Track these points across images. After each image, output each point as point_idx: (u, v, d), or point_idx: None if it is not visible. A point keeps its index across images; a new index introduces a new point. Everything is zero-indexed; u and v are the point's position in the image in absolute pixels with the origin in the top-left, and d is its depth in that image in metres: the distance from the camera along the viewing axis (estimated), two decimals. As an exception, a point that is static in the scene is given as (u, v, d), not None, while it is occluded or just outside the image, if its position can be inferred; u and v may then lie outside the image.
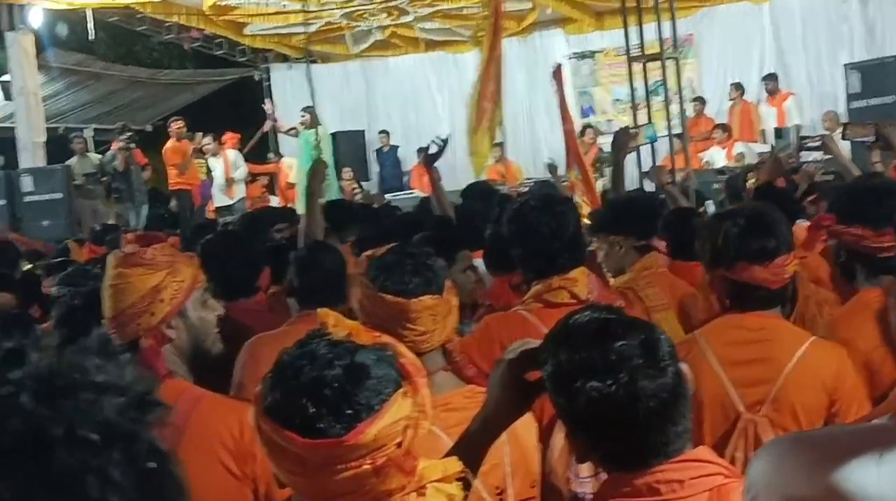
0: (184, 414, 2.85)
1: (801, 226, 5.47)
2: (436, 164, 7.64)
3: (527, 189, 12.87)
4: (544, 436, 3.23)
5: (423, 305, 2.88)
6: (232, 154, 17.62)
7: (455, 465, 2.03)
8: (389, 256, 2.98)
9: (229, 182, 17.33)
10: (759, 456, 1.62)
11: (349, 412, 1.83)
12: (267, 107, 19.35)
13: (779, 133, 14.50)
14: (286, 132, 18.80)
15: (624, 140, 6.58)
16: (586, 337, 2.12)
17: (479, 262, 5.56)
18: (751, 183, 8.44)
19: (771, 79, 17.87)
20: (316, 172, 6.39)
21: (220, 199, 17.34)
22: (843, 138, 6.63)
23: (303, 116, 17.85)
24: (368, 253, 3.08)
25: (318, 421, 1.82)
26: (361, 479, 1.84)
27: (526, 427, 2.89)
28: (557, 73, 8.86)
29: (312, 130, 17.13)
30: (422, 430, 1.90)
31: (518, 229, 3.90)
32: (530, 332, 3.59)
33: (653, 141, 7.88)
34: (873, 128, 6.27)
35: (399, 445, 1.86)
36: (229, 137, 18.03)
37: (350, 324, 1.98)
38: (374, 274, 2.93)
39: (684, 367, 2.16)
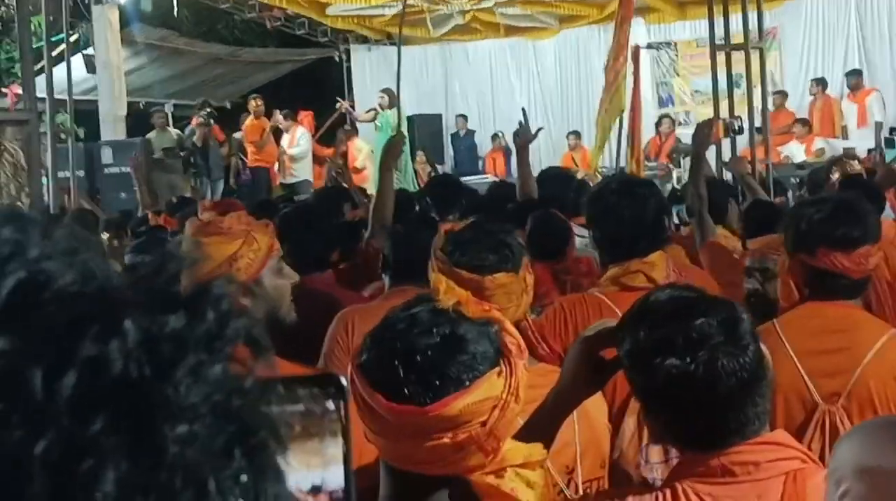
0: None
1: (888, 220, 5.41)
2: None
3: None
4: (615, 419, 3.22)
5: (498, 282, 2.86)
6: (298, 131, 17.58)
7: (539, 451, 1.97)
8: (467, 232, 2.98)
9: (288, 158, 17.37)
10: (845, 440, 1.60)
11: (437, 383, 1.79)
12: (341, 105, 19.31)
13: (891, 142, 14.20)
14: (364, 117, 18.74)
15: (706, 133, 6.46)
16: (666, 315, 2.11)
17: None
18: (835, 177, 8.29)
19: (854, 75, 17.60)
20: (393, 147, 6.39)
21: (281, 177, 17.43)
22: None
23: (381, 97, 17.87)
24: (447, 226, 3.08)
25: (407, 387, 1.79)
26: (440, 452, 1.81)
27: (597, 406, 2.88)
28: (635, 55, 8.90)
29: (391, 111, 17.17)
30: (510, 413, 1.85)
31: (598, 212, 3.88)
32: (605, 314, 3.58)
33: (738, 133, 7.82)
34: None
35: (483, 424, 1.81)
36: (304, 115, 18.09)
37: (461, 294, 1.93)
38: (450, 249, 2.92)
39: (764, 348, 2.15)
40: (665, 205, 4.12)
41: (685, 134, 17.78)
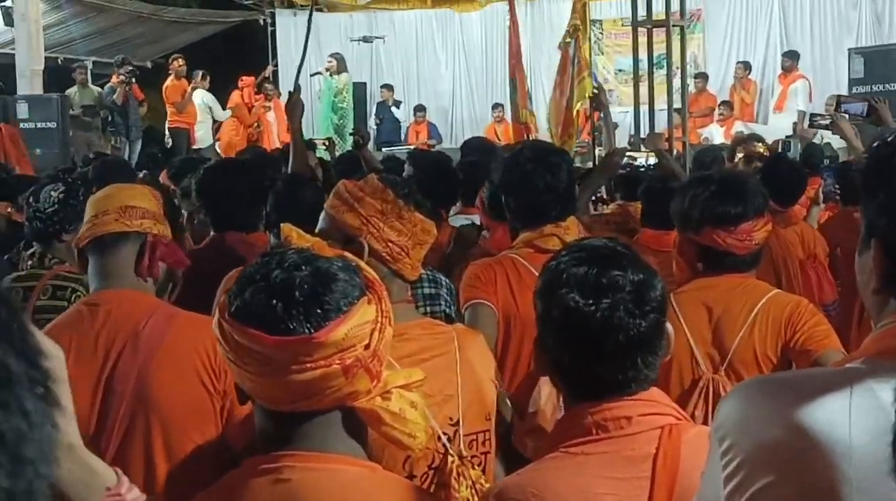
0: (160, 328, 2.93)
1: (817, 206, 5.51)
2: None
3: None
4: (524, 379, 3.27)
5: (417, 218, 2.87)
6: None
7: (417, 373, 2.06)
8: (395, 178, 3.04)
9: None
10: (728, 398, 1.61)
11: (318, 311, 1.85)
12: (267, 71, 19.33)
13: (787, 146, 14.32)
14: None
15: (616, 162, 6.45)
16: (589, 256, 2.16)
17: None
18: (738, 157, 8.41)
19: (789, 56, 17.74)
20: (294, 107, 6.38)
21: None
22: (836, 110, 6.63)
23: (329, 62, 17.81)
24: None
25: (289, 321, 1.84)
26: (329, 378, 1.86)
27: (482, 360, 2.93)
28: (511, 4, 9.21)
29: (337, 77, 17.11)
30: (387, 335, 1.94)
31: (512, 180, 3.92)
32: (524, 275, 3.63)
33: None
34: (866, 102, 6.33)
35: (367, 347, 1.89)
36: (246, 83, 18.06)
37: (312, 240, 2.03)
38: (384, 179, 2.95)
39: (669, 328, 2.20)
40: (574, 173, 4.16)
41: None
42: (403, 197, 2.87)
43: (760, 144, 8.52)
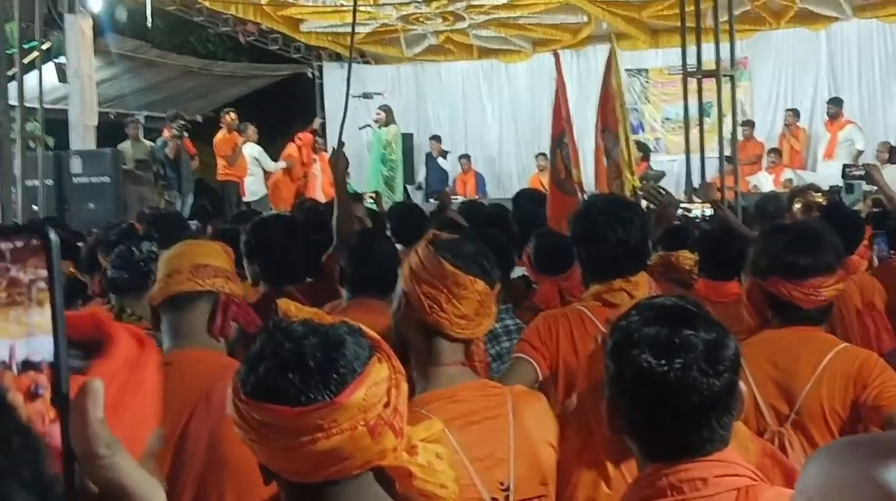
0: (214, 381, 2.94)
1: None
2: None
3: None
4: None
5: (475, 286, 2.86)
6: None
7: (436, 423, 2.08)
8: (458, 238, 3.05)
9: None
10: (813, 459, 1.61)
11: (335, 376, 1.85)
12: (315, 124, 19.51)
13: (850, 188, 14.33)
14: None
15: (671, 214, 6.48)
16: (661, 316, 2.15)
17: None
18: (796, 207, 8.35)
19: (835, 103, 17.66)
20: (338, 161, 6.44)
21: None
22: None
23: (378, 114, 17.93)
24: (435, 231, 3.12)
25: (307, 391, 1.84)
26: (357, 441, 1.85)
27: (539, 423, 2.91)
28: (556, 59, 9.10)
29: (385, 128, 17.23)
30: (403, 389, 1.94)
31: (584, 232, 3.93)
32: (589, 327, 3.64)
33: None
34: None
35: (387, 405, 1.89)
36: (304, 141, 18.24)
37: (311, 311, 2.03)
38: (439, 243, 2.94)
39: (743, 387, 2.18)
40: (648, 227, 4.16)
41: (655, 161, 17.92)
42: (464, 269, 2.87)
43: (819, 194, 8.48)
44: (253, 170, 17.56)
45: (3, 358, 0.98)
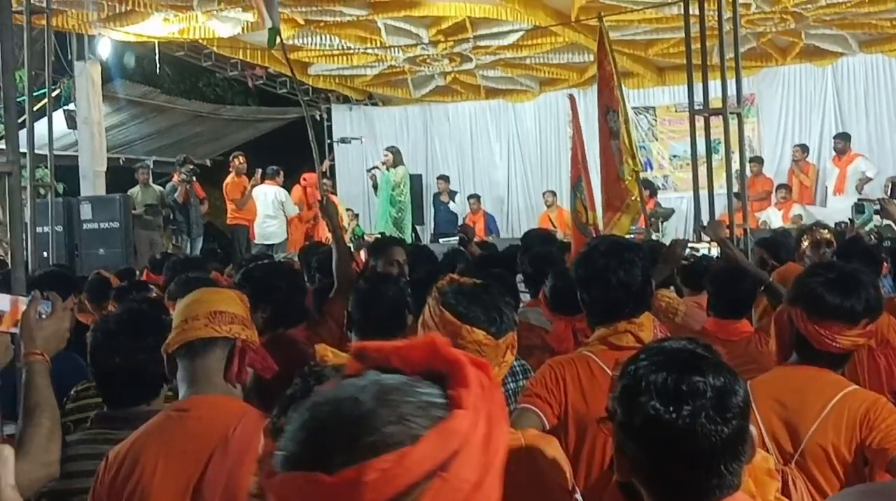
0: (248, 434, 2.92)
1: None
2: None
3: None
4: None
5: (474, 337, 2.88)
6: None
7: None
8: (473, 285, 3.02)
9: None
10: None
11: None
12: (324, 167, 19.61)
13: (861, 208, 14.38)
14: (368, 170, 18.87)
15: (679, 254, 6.47)
16: (669, 360, 2.13)
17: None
18: (805, 245, 8.33)
19: (842, 138, 17.74)
20: (328, 207, 6.48)
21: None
22: (892, 194, 6.58)
23: (385, 156, 18.00)
24: (455, 275, 3.12)
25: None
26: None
27: (551, 466, 2.91)
28: (572, 102, 9.10)
29: (393, 170, 17.30)
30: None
31: (587, 274, 3.92)
32: (596, 372, 3.63)
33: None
34: None
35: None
36: (309, 181, 18.29)
37: (346, 357, 1.93)
38: (447, 291, 2.97)
39: (753, 431, 2.16)
40: (649, 269, 4.15)
41: (664, 198, 17.93)
42: (464, 319, 2.89)
43: (826, 230, 8.46)
44: (276, 213, 17.56)
45: None
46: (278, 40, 8.62)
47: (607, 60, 9.80)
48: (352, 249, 9.62)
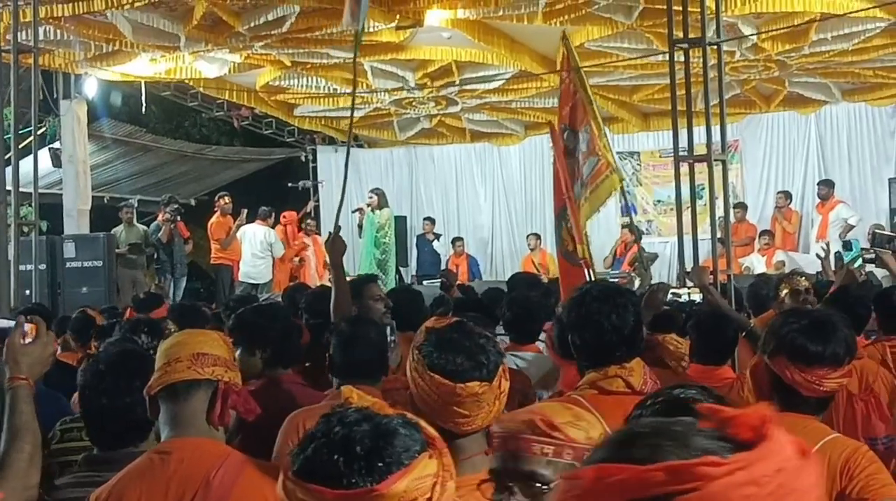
0: (230, 477, 2.91)
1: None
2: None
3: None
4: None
5: (469, 391, 2.87)
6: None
7: None
8: (448, 332, 3.00)
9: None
10: None
11: (380, 465, 1.87)
12: (308, 207, 19.72)
13: (848, 245, 14.45)
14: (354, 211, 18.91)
15: (660, 299, 6.49)
16: (668, 408, 2.15)
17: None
18: (783, 294, 8.31)
19: (825, 184, 17.90)
20: (334, 244, 6.43)
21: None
22: (872, 244, 6.61)
23: (370, 198, 18.02)
24: (429, 323, 3.10)
25: (350, 476, 1.85)
26: None
27: None
28: (552, 131, 9.06)
29: (379, 212, 17.32)
30: (449, 488, 1.96)
31: (578, 319, 3.91)
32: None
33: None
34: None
35: (429, 499, 1.91)
36: (288, 219, 18.28)
37: (372, 400, 2.05)
38: (427, 350, 2.94)
39: None
40: (641, 314, 4.15)
41: (647, 243, 17.97)
42: (455, 377, 2.88)
43: (803, 278, 8.47)
44: (263, 253, 17.57)
45: None
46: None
47: (570, 77, 9.78)
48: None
